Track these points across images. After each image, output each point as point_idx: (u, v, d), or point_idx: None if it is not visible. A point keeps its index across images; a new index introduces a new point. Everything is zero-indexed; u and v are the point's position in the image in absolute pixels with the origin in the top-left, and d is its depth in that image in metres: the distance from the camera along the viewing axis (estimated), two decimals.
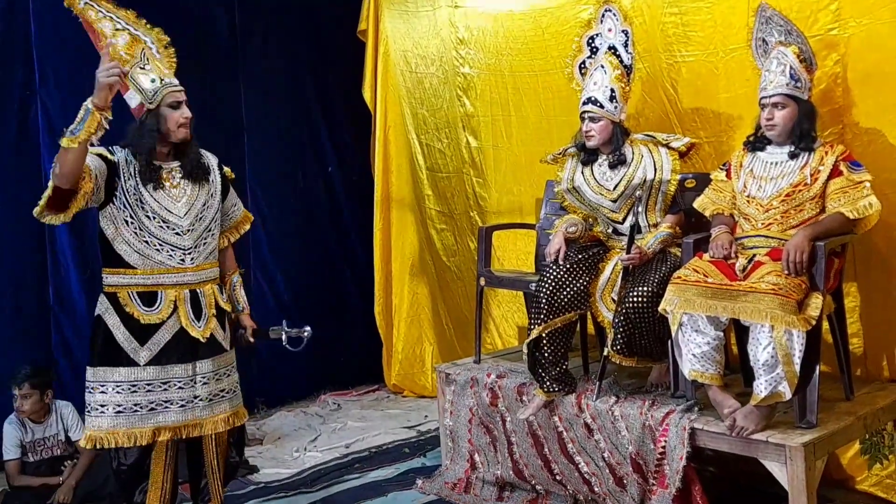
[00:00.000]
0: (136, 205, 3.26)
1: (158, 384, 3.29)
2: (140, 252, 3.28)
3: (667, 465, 3.45)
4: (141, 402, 3.27)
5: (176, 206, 3.32)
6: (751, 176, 3.59)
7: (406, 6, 5.65)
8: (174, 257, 3.31)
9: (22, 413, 4.20)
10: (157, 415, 3.29)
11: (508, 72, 5.11)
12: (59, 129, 4.78)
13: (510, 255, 5.23)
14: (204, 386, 3.36)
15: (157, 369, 3.28)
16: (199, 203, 3.39)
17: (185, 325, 3.31)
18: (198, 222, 3.37)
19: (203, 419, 3.37)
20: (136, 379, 3.27)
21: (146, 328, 3.28)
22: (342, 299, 6.23)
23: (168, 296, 3.31)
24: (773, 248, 3.41)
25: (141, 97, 3.27)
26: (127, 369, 3.27)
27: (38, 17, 4.81)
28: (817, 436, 3.23)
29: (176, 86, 3.32)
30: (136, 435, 3.27)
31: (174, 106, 3.29)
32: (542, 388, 3.82)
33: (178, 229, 3.32)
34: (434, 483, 4.26)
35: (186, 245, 3.33)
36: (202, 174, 3.40)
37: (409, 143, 5.78)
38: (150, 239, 3.28)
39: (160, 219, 3.29)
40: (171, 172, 3.34)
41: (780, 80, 3.47)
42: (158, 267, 3.30)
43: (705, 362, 3.37)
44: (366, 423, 5.39)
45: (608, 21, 4.01)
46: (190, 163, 3.36)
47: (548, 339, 3.79)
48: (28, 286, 4.90)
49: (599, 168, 3.95)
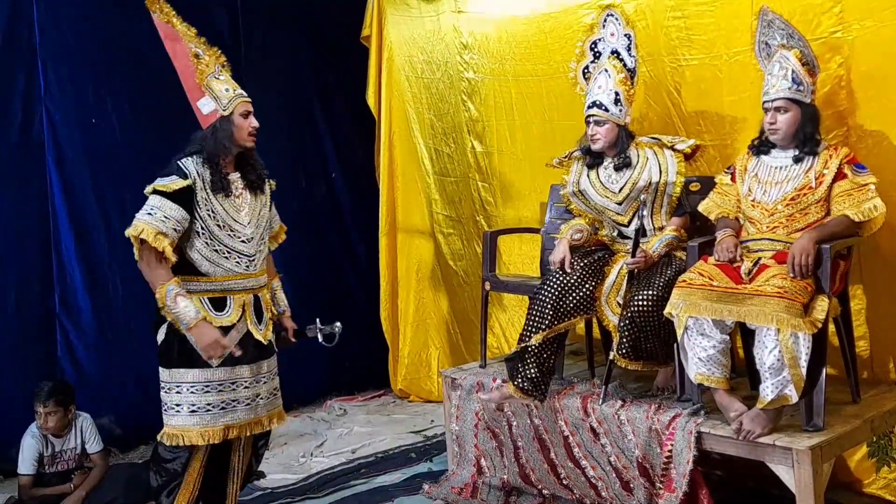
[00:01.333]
0: (208, 215, 3.38)
1: (228, 384, 3.43)
2: (211, 260, 3.39)
3: (673, 469, 3.45)
4: (213, 402, 3.40)
5: (240, 214, 3.46)
6: (755, 180, 3.59)
7: (410, 12, 5.66)
8: (241, 264, 3.45)
9: (46, 430, 4.19)
10: (227, 413, 3.42)
11: (512, 76, 5.12)
12: (63, 135, 4.91)
13: (515, 259, 5.23)
14: (265, 385, 3.53)
15: (227, 370, 3.41)
16: (258, 212, 3.53)
17: (251, 327, 3.46)
18: (257, 230, 3.51)
19: (262, 417, 3.54)
20: (209, 379, 3.39)
21: (219, 331, 3.38)
22: (347, 304, 6.22)
23: (236, 301, 3.43)
24: (778, 252, 3.41)
25: (216, 104, 3.41)
26: (200, 370, 3.38)
27: (42, 25, 4.82)
28: (824, 439, 3.23)
29: (246, 96, 3.50)
30: (210, 433, 3.40)
31: (245, 115, 3.45)
32: (513, 383, 3.81)
33: (244, 237, 3.46)
34: (441, 488, 4.25)
35: (250, 252, 3.48)
36: (261, 184, 3.55)
37: (415, 148, 5.78)
38: (219, 247, 3.40)
39: (229, 228, 3.42)
40: (235, 181, 3.47)
41: (782, 84, 3.47)
42: (228, 274, 3.42)
43: (711, 366, 3.37)
44: (372, 429, 5.39)
45: (610, 25, 4.02)
46: (252, 172, 3.52)
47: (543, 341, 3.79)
48: (33, 292, 4.91)
49: (605, 171, 3.96)
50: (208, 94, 3.44)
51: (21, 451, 4.20)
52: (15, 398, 4.68)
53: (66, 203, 4.93)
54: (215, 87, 3.44)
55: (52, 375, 4.78)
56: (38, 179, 4.87)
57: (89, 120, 5.01)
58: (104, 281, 4.96)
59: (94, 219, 4.97)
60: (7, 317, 4.81)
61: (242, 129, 3.44)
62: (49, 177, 4.90)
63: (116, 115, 5.05)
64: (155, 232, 3.23)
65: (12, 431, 4.39)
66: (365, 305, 6.15)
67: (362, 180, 6.14)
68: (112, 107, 5.03)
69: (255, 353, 3.49)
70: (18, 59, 4.79)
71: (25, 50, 4.80)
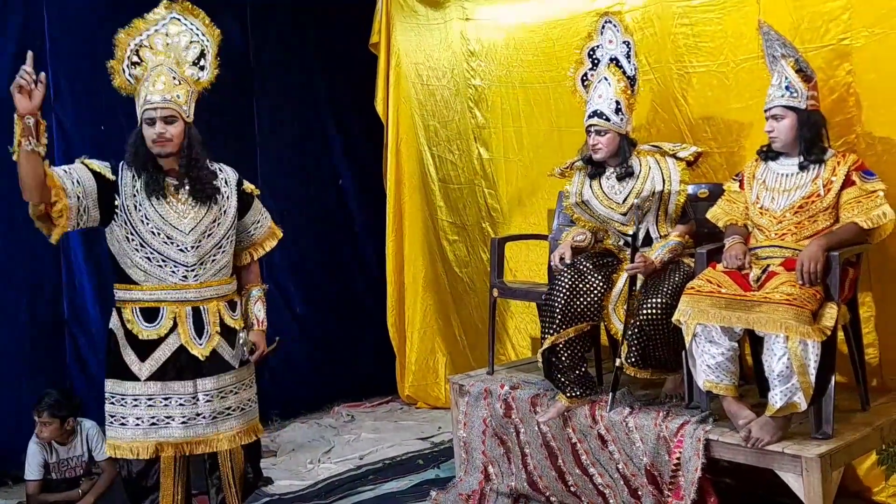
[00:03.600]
0: (140, 220, 3.25)
1: (160, 399, 3.28)
2: (142, 268, 3.27)
3: (682, 477, 3.44)
4: (143, 416, 3.27)
5: (182, 222, 3.29)
6: (763, 187, 3.59)
7: (417, 19, 5.68)
8: (177, 273, 3.28)
9: (41, 438, 4.20)
10: (158, 430, 3.28)
11: (519, 83, 5.13)
12: (74, 142, 4.92)
13: (522, 266, 5.23)
14: (207, 403, 3.33)
15: (157, 385, 3.27)
16: (208, 220, 3.34)
17: (185, 342, 3.29)
18: (205, 239, 3.33)
19: (208, 436, 3.35)
20: (138, 393, 3.27)
21: (147, 343, 3.27)
22: (355, 310, 6.24)
23: (168, 312, 3.29)
24: (787, 259, 3.41)
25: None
26: (131, 383, 3.27)
27: (52, 32, 4.85)
28: (833, 447, 3.22)
29: (153, 103, 3.24)
30: (139, 448, 3.27)
31: (149, 122, 3.25)
32: (564, 393, 3.81)
33: (182, 245, 3.28)
34: (448, 495, 4.25)
35: (190, 262, 3.30)
36: (210, 192, 3.35)
37: (420, 155, 5.80)
38: (151, 255, 3.26)
39: (164, 234, 3.27)
40: (179, 188, 3.31)
41: (776, 94, 3.51)
42: (160, 283, 3.28)
43: (720, 373, 3.36)
44: (379, 435, 5.39)
45: (608, 33, 4.00)
46: (196, 181, 3.32)
47: (564, 344, 3.79)
48: (43, 299, 4.92)
49: (607, 181, 3.95)
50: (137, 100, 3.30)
51: (27, 457, 4.23)
52: (24, 405, 4.68)
53: None
54: (138, 94, 3.29)
55: (61, 383, 4.79)
56: None
57: (99, 128, 5.03)
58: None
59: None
60: (17, 324, 4.82)
61: (147, 138, 3.25)
62: None
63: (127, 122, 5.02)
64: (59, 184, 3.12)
65: (22, 438, 4.39)
66: (374, 312, 6.15)
67: (372, 187, 6.15)
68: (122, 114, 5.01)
69: (191, 369, 3.30)
70: None
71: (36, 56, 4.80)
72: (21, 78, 2.96)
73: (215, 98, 3.47)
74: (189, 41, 3.43)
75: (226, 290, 3.44)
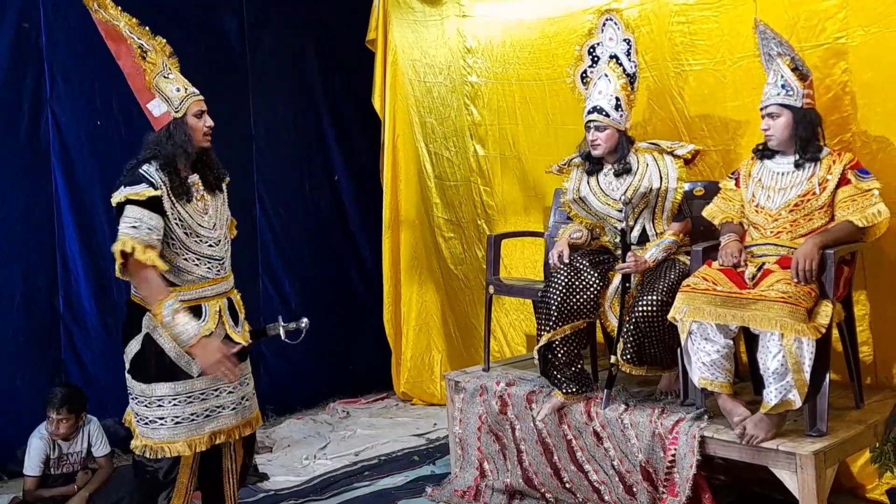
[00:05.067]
0: (176, 224, 3.24)
1: (211, 391, 3.32)
2: (184, 269, 3.27)
3: (677, 474, 3.45)
4: (197, 412, 3.29)
5: (204, 218, 3.32)
6: (759, 186, 3.60)
7: (414, 16, 5.67)
8: (212, 269, 3.33)
9: (57, 435, 4.18)
10: (212, 420, 3.32)
11: (516, 80, 5.13)
12: (70, 137, 4.93)
13: (518, 263, 5.24)
14: (246, 386, 3.45)
15: (208, 379, 3.29)
16: (220, 212, 3.41)
17: (230, 332, 3.35)
18: (222, 231, 3.40)
19: (250, 418, 3.47)
20: (191, 390, 3.27)
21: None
22: (351, 307, 6.23)
23: (212, 307, 3.31)
24: (782, 257, 3.42)
25: (167, 106, 3.26)
26: (182, 383, 3.25)
27: (48, 27, 4.83)
28: (828, 444, 3.23)
29: (198, 94, 3.33)
30: (196, 442, 3.30)
31: (198, 114, 3.30)
32: (559, 390, 3.82)
33: (211, 241, 3.33)
34: (443, 491, 4.26)
35: (219, 255, 3.36)
36: (219, 183, 3.42)
37: (417, 152, 5.80)
38: (188, 255, 3.27)
39: (196, 234, 3.28)
40: (195, 185, 3.33)
41: (772, 92, 3.53)
42: (200, 281, 3.30)
43: (715, 370, 3.37)
44: (375, 431, 5.40)
45: (609, 30, 4.01)
46: (210, 172, 3.38)
47: (560, 341, 3.80)
48: (39, 294, 4.90)
49: (605, 178, 3.96)
50: (158, 95, 3.26)
51: (27, 452, 4.20)
52: (20, 400, 4.70)
53: (71, 205, 4.93)
54: (165, 88, 3.27)
55: (57, 378, 4.80)
56: (44, 182, 4.87)
57: (95, 122, 5.02)
58: (109, 283, 4.96)
59: (100, 221, 4.97)
60: (13, 319, 4.81)
61: (198, 130, 3.28)
62: (55, 179, 4.90)
63: (122, 117, 5.06)
64: (143, 246, 3.09)
65: (18, 433, 4.41)
66: (369, 309, 6.16)
67: (368, 184, 6.15)
68: (118, 109, 5.04)
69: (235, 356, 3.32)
70: (26, 62, 4.79)
71: (33, 52, 4.81)
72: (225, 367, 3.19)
73: (211, 94, 3.46)
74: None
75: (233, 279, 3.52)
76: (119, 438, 4.68)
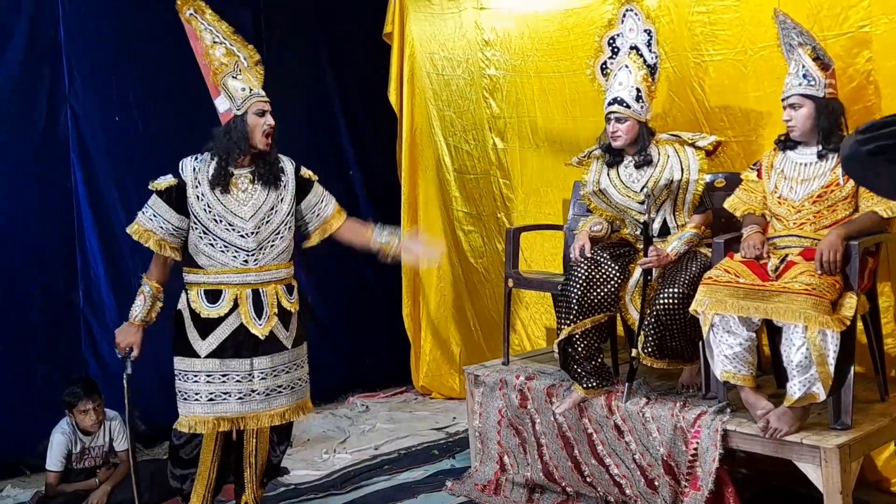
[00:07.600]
0: (204, 210, 3.45)
1: (218, 376, 3.47)
2: (206, 253, 3.47)
3: (699, 467, 3.43)
4: (201, 392, 3.47)
5: (242, 209, 3.47)
6: (782, 177, 3.56)
7: (432, 8, 5.66)
8: (238, 258, 3.47)
9: (85, 427, 4.22)
10: (215, 405, 3.47)
11: (534, 73, 5.11)
12: (88, 131, 4.94)
13: (537, 256, 5.22)
14: (261, 381, 3.52)
15: (215, 362, 3.47)
16: (266, 207, 3.52)
17: (246, 322, 3.47)
18: (264, 225, 3.51)
19: (260, 412, 3.54)
20: (199, 369, 3.47)
21: (208, 322, 3.46)
22: (369, 301, 6.23)
23: (230, 294, 3.46)
24: (805, 248, 3.38)
25: (230, 103, 3.46)
26: (191, 360, 3.48)
27: (66, 23, 4.85)
28: (852, 437, 3.20)
29: (263, 95, 3.52)
30: (197, 422, 3.48)
31: (260, 113, 3.48)
32: (580, 384, 3.80)
33: (243, 231, 3.47)
34: (463, 485, 4.25)
35: (250, 247, 3.48)
36: (272, 179, 3.53)
37: (435, 146, 5.78)
38: (214, 241, 3.46)
39: (226, 222, 3.45)
40: (240, 177, 3.48)
41: (794, 82, 3.50)
42: (223, 267, 3.47)
43: (737, 363, 3.34)
44: (394, 425, 5.40)
45: (629, 21, 3.98)
46: (262, 167, 3.51)
47: (581, 335, 3.78)
48: (58, 287, 4.94)
49: (625, 169, 3.93)
50: (223, 92, 3.48)
51: (50, 447, 4.22)
52: (40, 394, 4.73)
53: (89, 199, 4.97)
54: (231, 86, 3.48)
55: (76, 371, 4.82)
56: (63, 176, 4.91)
57: (113, 117, 5.04)
58: (128, 276, 4.98)
59: (118, 215, 4.98)
60: (32, 312, 4.84)
61: (257, 128, 3.47)
62: (73, 173, 4.93)
63: (139, 111, 5.08)
64: (142, 230, 3.45)
65: (38, 427, 4.43)
66: (388, 302, 6.15)
67: (382, 178, 6.14)
68: (135, 103, 5.05)
69: (249, 347, 3.48)
70: (43, 57, 4.82)
71: (50, 47, 4.83)
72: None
73: None
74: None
75: (284, 274, 3.60)
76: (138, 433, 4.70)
